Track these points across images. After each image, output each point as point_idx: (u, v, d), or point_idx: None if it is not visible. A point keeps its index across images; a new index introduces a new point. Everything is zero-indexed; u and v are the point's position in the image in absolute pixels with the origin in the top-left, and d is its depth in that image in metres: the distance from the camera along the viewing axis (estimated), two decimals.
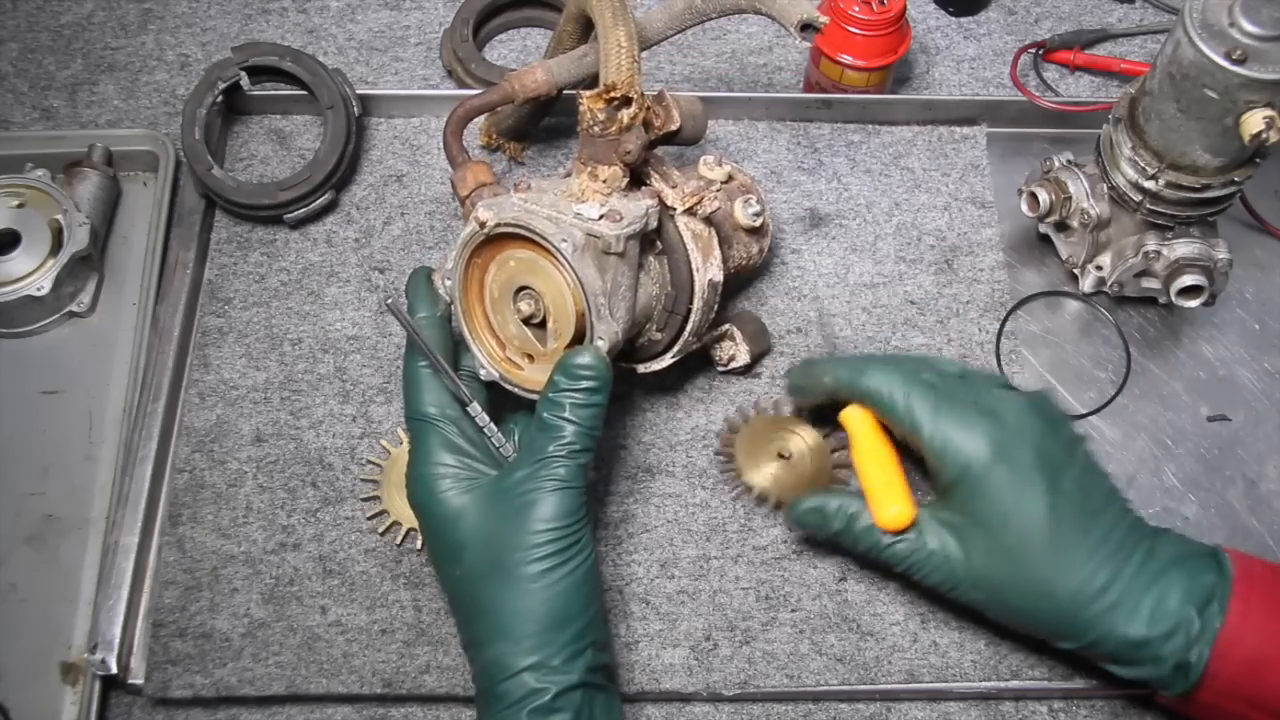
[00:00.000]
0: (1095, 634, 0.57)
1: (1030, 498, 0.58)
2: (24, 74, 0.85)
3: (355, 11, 0.88)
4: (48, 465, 0.71)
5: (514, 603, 0.55)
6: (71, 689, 0.65)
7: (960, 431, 0.59)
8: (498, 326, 0.61)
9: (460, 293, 0.60)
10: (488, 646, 0.55)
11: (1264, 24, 0.59)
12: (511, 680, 0.54)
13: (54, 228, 0.75)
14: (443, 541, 0.57)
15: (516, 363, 0.61)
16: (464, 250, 0.60)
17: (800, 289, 0.76)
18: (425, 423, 0.59)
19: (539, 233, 0.57)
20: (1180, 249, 0.69)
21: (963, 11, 0.90)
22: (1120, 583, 0.57)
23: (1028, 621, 0.60)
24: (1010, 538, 0.58)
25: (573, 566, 0.56)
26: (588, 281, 0.57)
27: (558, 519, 0.55)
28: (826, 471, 0.69)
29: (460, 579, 0.57)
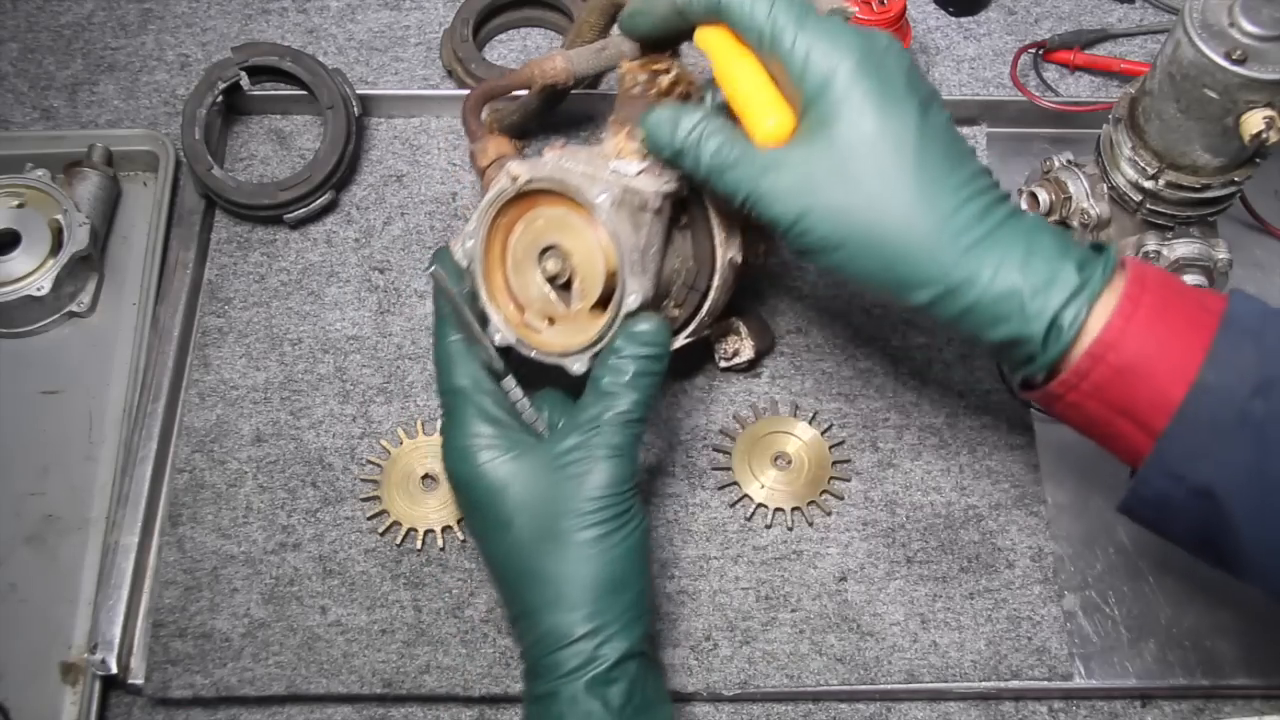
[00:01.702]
0: (958, 276, 0.51)
1: (899, 116, 0.51)
2: (24, 74, 0.85)
3: (355, 11, 0.88)
4: (48, 465, 0.71)
5: (569, 570, 0.54)
6: (71, 689, 0.65)
7: (828, 40, 0.52)
8: (517, 289, 0.60)
9: (481, 254, 0.59)
10: (542, 615, 0.54)
11: (1264, 24, 0.59)
12: (568, 649, 0.53)
13: (54, 228, 0.75)
14: (489, 513, 0.56)
15: (535, 327, 0.59)
16: (490, 209, 0.59)
17: (800, 289, 0.76)
18: (460, 395, 0.57)
19: (574, 187, 0.56)
20: (1180, 249, 0.69)
21: (963, 11, 0.90)
22: (990, 222, 0.51)
23: (880, 262, 0.52)
24: (875, 160, 0.51)
25: (627, 533, 0.55)
26: (623, 236, 0.56)
27: (612, 486, 0.55)
28: (826, 470, 0.69)
29: (510, 549, 0.55)
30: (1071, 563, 0.69)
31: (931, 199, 0.51)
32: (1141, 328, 0.51)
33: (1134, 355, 0.51)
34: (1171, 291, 0.53)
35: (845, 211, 0.52)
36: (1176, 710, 0.66)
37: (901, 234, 0.51)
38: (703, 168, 0.55)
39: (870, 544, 0.68)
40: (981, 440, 0.71)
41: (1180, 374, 0.51)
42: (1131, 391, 0.52)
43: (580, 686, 0.53)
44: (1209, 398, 0.51)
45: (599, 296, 0.57)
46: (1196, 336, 0.51)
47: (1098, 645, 0.66)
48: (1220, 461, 0.51)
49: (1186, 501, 0.52)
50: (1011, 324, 0.51)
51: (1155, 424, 0.51)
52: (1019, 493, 0.69)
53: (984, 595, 0.67)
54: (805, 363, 0.73)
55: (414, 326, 0.74)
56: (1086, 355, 0.51)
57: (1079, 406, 0.53)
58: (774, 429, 0.71)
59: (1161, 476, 0.52)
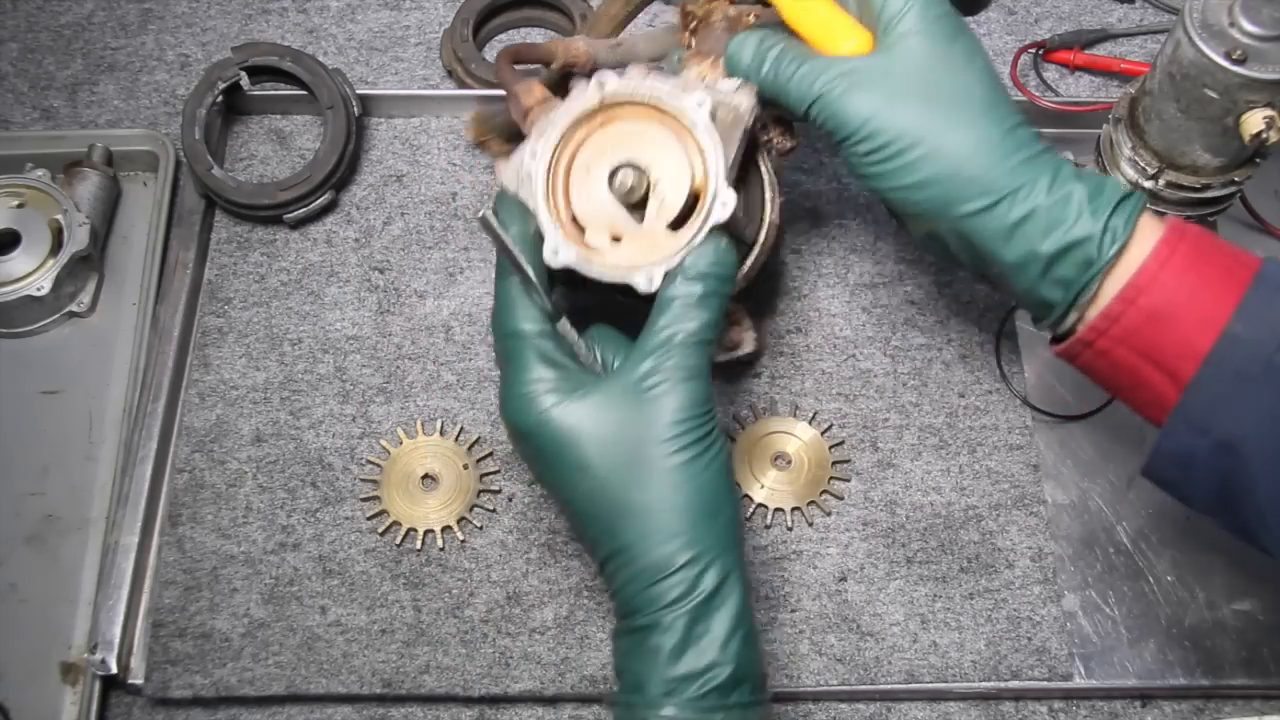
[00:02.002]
0: (1019, 181, 0.54)
1: (968, 41, 0.57)
2: (24, 74, 0.85)
3: (355, 11, 0.88)
4: (48, 465, 0.71)
5: (662, 499, 0.53)
6: (71, 689, 0.65)
7: None
8: (580, 207, 0.58)
9: (544, 171, 0.58)
10: (639, 549, 0.52)
11: (1264, 24, 0.59)
12: (668, 579, 0.52)
13: (54, 228, 0.75)
14: (564, 458, 0.54)
15: (597, 246, 0.58)
16: (567, 120, 0.58)
17: (800, 289, 0.76)
18: (521, 340, 0.55)
19: (668, 97, 0.57)
20: None
21: (963, 12, 0.89)
22: (1039, 144, 0.56)
23: (943, 165, 0.55)
24: (950, 72, 0.56)
25: (713, 455, 0.54)
26: (717, 147, 0.56)
27: (695, 407, 0.53)
28: (826, 470, 0.69)
29: (595, 490, 0.53)
30: (1071, 563, 0.69)
31: (996, 111, 0.56)
32: (1175, 274, 0.53)
33: (1166, 300, 0.53)
34: (1209, 245, 0.55)
35: (919, 113, 0.55)
36: (1176, 710, 0.66)
37: (969, 139, 0.55)
38: (780, 76, 0.58)
39: (870, 544, 0.68)
40: (981, 440, 0.71)
41: (1209, 323, 0.52)
42: (1161, 337, 0.53)
43: (683, 615, 0.51)
44: (1237, 348, 0.52)
45: (679, 212, 0.57)
46: (1228, 288, 0.52)
47: (1098, 645, 0.66)
48: (1245, 413, 0.52)
49: (1209, 457, 0.53)
50: (1069, 228, 0.54)
51: (1182, 372, 0.52)
52: (1019, 493, 0.69)
53: (984, 595, 0.67)
54: (805, 363, 0.73)
55: (414, 326, 0.74)
56: (1118, 299, 0.53)
57: (1108, 354, 0.55)
58: (774, 429, 0.71)
59: (1186, 429, 0.53)
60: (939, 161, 0.55)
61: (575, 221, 0.58)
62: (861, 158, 0.57)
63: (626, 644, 0.53)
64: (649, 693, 0.51)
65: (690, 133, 0.57)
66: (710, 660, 0.51)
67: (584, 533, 0.55)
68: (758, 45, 0.59)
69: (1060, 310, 0.56)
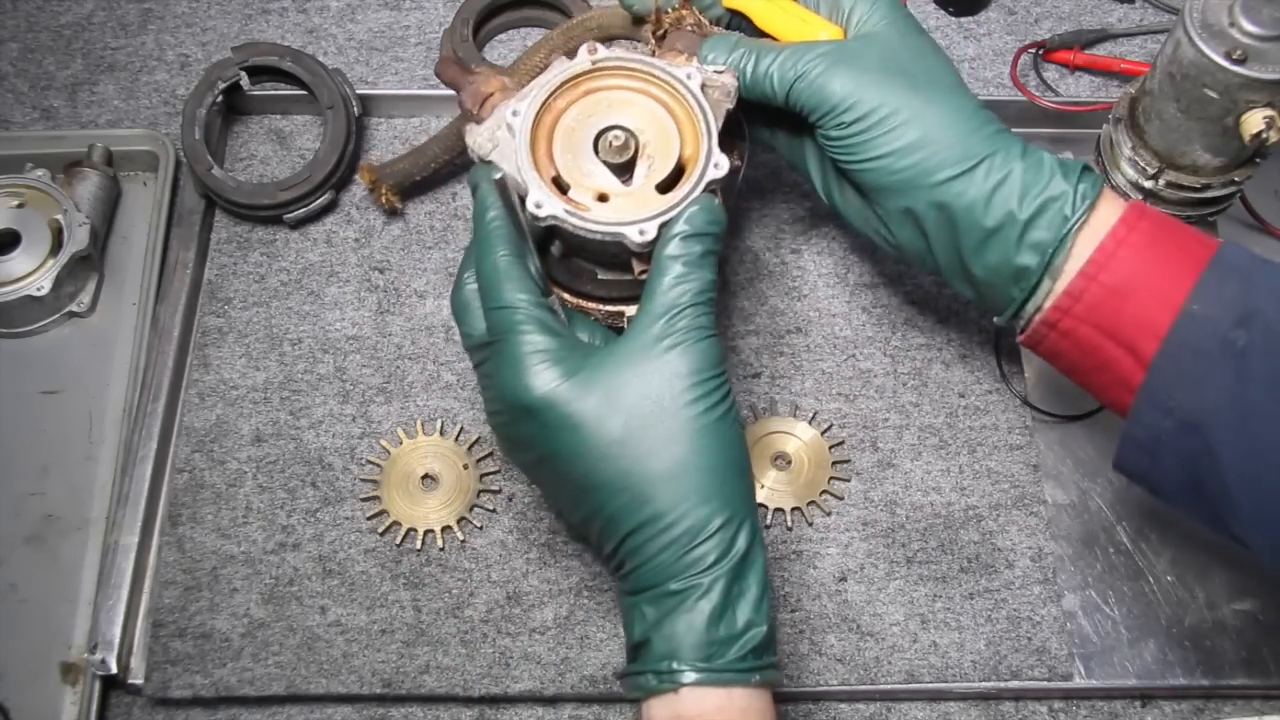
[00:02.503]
0: (993, 147, 0.56)
1: (926, 40, 0.60)
2: (24, 74, 0.85)
3: (355, 11, 0.88)
4: (48, 465, 0.71)
5: (692, 459, 0.51)
6: (71, 689, 0.65)
7: None
8: (564, 167, 0.59)
9: (528, 130, 0.58)
10: (677, 513, 0.51)
11: (1264, 24, 0.59)
12: (710, 540, 0.51)
13: (54, 228, 0.75)
14: (579, 432, 0.52)
15: (581, 203, 0.58)
16: (551, 85, 0.59)
17: (800, 289, 0.76)
18: (515, 311, 0.54)
19: (657, 67, 0.59)
20: None
21: (963, 11, 0.90)
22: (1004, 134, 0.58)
23: (921, 132, 0.57)
24: (920, 53, 0.59)
25: (734, 412, 0.54)
26: (711, 113, 0.58)
27: (713, 366, 0.53)
28: (826, 470, 0.69)
29: (618, 459, 0.52)
30: (1071, 563, 0.69)
31: (965, 91, 0.59)
32: (1134, 250, 0.54)
33: (1126, 276, 0.54)
34: (1168, 225, 0.56)
35: (897, 85, 0.57)
36: (1176, 710, 0.66)
37: (946, 109, 0.57)
38: (761, 64, 0.59)
39: (870, 544, 0.68)
40: (981, 440, 0.71)
41: (1168, 301, 0.53)
42: (1122, 313, 0.54)
43: (722, 576, 0.51)
44: (1195, 326, 0.52)
45: (668, 173, 0.58)
46: (1187, 267, 0.54)
47: (1098, 645, 0.66)
48: (1206, 391, 0.52)
49: (1175, 440, 0.53)
50: (1044, 187, 0.55)
51: (1145, 350, 0.53)
52: (1019, 493, 0.69)
53: (984, 595, 0.67)
54: (805, 363, 0.73)
55: (414, 326, 0.74)
56: (1081, 275, 0.54)
57: (1072, 334, 0.56)
58: (774, 429, 0.71)
59: (1151, 412, 0.54)
60: (919, 127, 0.56)
61: (556, 182, 0.58)
62: (845, 129, 0.58)
63: (655, 613, 0.52)
64: (684, 658, 0.50)
65: (680, 101, 0.59)
66: (748, 620, 0.51)
67: (600, 509, 0.53)
68: (731, 46, 0.61)
69: (1035, 278, 0.56)
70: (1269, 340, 0.52)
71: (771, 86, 0.59)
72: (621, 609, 0.54)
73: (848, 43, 0.59)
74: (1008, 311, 0.58)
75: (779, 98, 0.59)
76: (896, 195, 0.58)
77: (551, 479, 0.55)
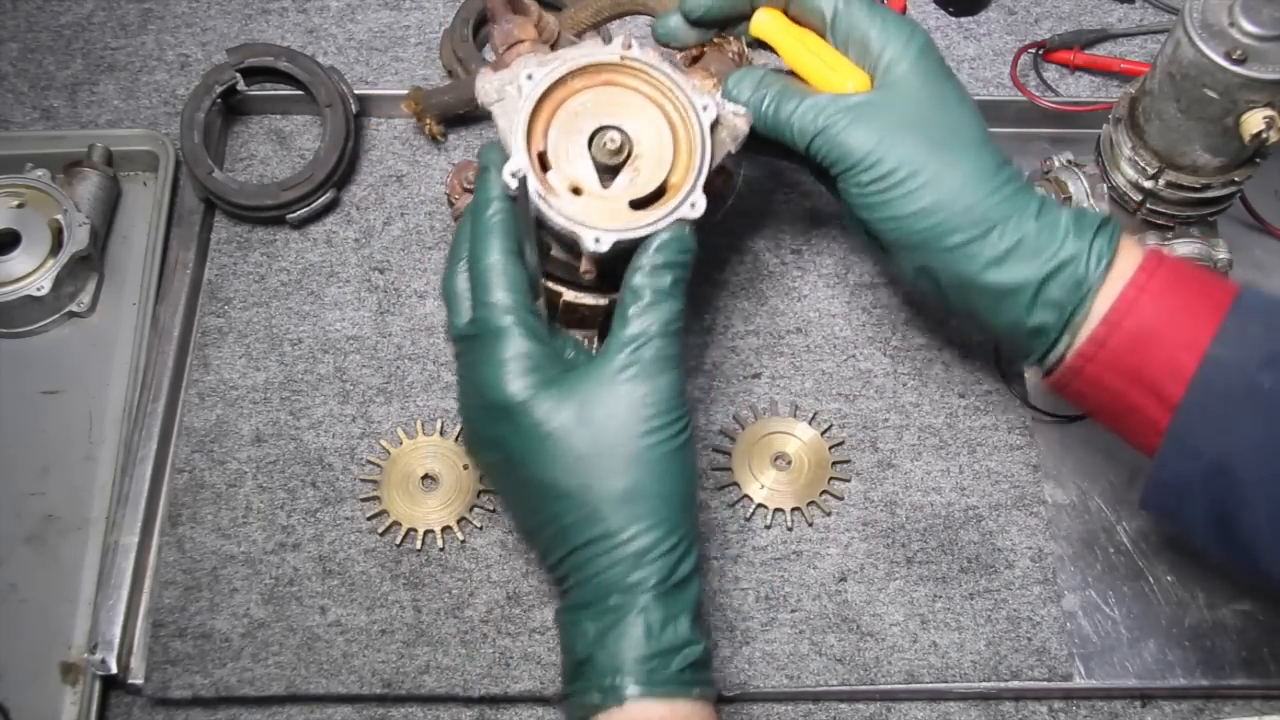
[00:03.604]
0: (1007, 211, 0.56)
1: (958, 84, 0.60)
2: (24, 74, 0.85)
3: (355, 11, 0.88)
4: (48, 465, 0.71)
5: (649, 485, 0.53)
6: (71, 689, 0.65)
7: (901, 21, 0.60)
8: (555, 147, 0.58)
9: (535, 99, 0.58)
10: (628, 533, 0.52)
11: (1264, 24, 0.59)
12: (657, 562, 0.52)
13: (54, 228, 0.75)
14: (546, 443, 0.53)
15: (555, 188, 0.58)
16: (575, 63, 0.58)
17: (800, 289, 0.76)
18: (505, 311, 0.54)
19: (685, 87, 0.58)
20: (1180, 249, 0.69)
21: (963, 11, 0.90)
22: (1021, 179, 0.58)
23: (939, 195, 0.57)
24: (944, 109, 0.58)
25: (690, 443, 0.55)
26: (709, 153, 0.57)
27: (675, 396, 0.54)
28: (826, 470, 0.69)
29: (578, 476, 0.53)
30: (1071, 563, 0.69)
31: (987, 146, 0.58)
32: (1155, 297, 0.55)
33: (1149, 323, 0.54)
34: (1186, 271, 0.57)
35: (918, 144, 0.57)
36: (1176, 710, 0.66)
37: (964, 169, 0.57)
38: (781, 111, 0.60)
39: (870, 544, 0.68)
40: (981, 440, 0.71)
41: (1192, 345, 0.54)
42: (1147, 360, 0.54)
43: (663, 595, 0.52)
44: (1220, 370, 0.53)
45: (647, 192, 0.58)
46: (1208, 311, 0.54)
47: (1098, 645, 0.66)
48: (1233, 434, 0.53)
49: (1204, 482, 0.54)
50: (1057, 249, 0.56)
51: (1171, 394, 0.54)
52: (1019, 493, 0.69)
53: (984, 596, 0.67)
54: (805, 363, 0.73)
55: (414, 327, 0.74)
56: (1104, 322, 0.55)
57: (1098, 380, 0.56)
58: (774, 429, 0.71)
59: (1179, 454, 0.54)
60: (938, 190, 0.57)
61: (541, 157, 0.58)
62: (864, 188, 0.58)
63: (596, 628, 0.53)
64: (627, 672, 0.51)
65: (688, 127, 0.58)
66: (686, 638, 0.52)
67: (554, 520, 0.54)
68: (757, 82, 0.61)
69: (1054, 335, 0.57)
70: None
71: (791, 135, 0.59)
72: (560, 628, 0.55)
73: (872, 97, 0.58)
74: (1030, 359, 0.60)
75: (799, 146, 0.60)
76: (912, 252, 0.59)
77: (512, 482, 0.56)
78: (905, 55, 0.58)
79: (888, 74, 0.59)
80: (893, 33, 0.59)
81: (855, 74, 0.60)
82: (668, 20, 0.63)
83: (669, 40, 0.64)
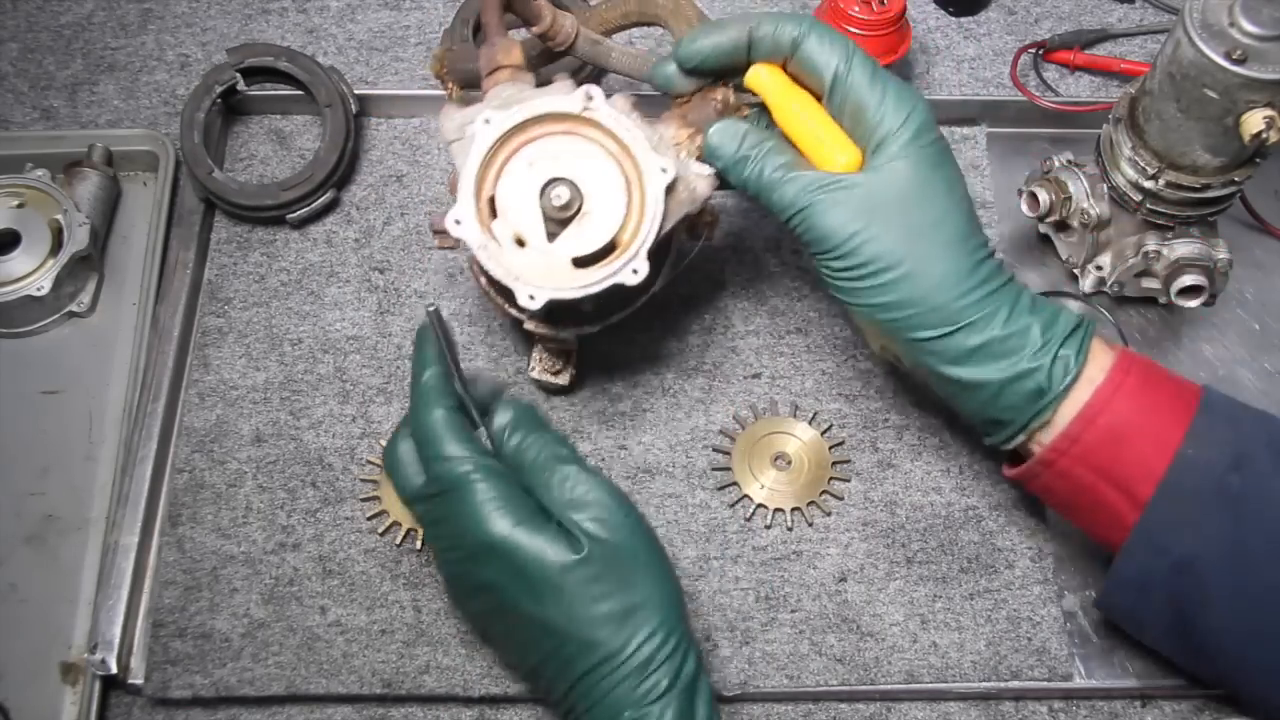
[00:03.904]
0: (978, 314, 0.56)
1: (952, 169, 0.59)
2: (24, 74, 0.85)
3: (355, 11, 0.88)
4: (48, 465, 0.71)
5: (657, 592, 0.54)
6: (71, 689, 0.65)
7: (903, 94, 0.58)
8: (504, 195, 0.58)
9: (492, 144, 0.58)
10: (628, 650, 0.53)
11: (1264, 24, 0.59)
12: (661, 668, 0.53)
13: (54, 228, 0.75)
14: (532, 574, 0.54)
15: (497, 239, 0.58)
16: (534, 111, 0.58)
17: (800, 289, 0.76)
18: (463, 461, 0.55)
19: (637, 147, 0.57)
20: (1180, 249, 0.69)
21: (963, 11, 0.90)
22: (1002, 276, 0.58)
23: (912, 290, 0.57)
24: (932, 199, 0.57)
25: (655, 543, 0.57)
26: (658, 220, 0.57)
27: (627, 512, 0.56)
28: (826, 470, 0.69)
29: (569, 602, 0.54)
30: (1071, 563, 0.69)
31: (969, 242, 0.58)
32: (1128, 397, 0.56)
33: (1123, 421, 0.56)
34: (1155, 372, 0.59)
35: (898, 238, 0.56)
36: (1176, 710, 0.66)
37: (940, 268, 0.57)
38: (765, 177, 0.59)
39: (870, 544, 0.68)
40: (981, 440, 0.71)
41: (1163, 445, 0.55)
42: (1119, 457, 0.56)
43: (672, 702, 0.53)
44: (1190, 470, 0.55)
45: (592, 250, 0.57)
46: (1177, 413, 0.57)
47: (1098, 645, 0.66)
48: (1202, 533, 0.55)
49: (1167, 580, 0.56)
50: (1018, 359, 0.56)
51: (1140, 493, 0.55)
52: (1019, 493, 0.69)
53: (984, 596, 0.67)
54: (805, 363, 0.73)
55: (414, 327, 0.74)
56: (1079, 418, 0.56)
57: (1068, 474, 0.57)
58: (774, 429, 0.71)
59: (1145, 550, 0.56)
60: (910, 287, 0.57)
61: (491, 204, 0.58)
62: (836, 272, 0.58)
63: None
64: None
65: (641, 187, 0.57)
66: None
67: (554, 654, 0.54)
68: (740, 141, 0.60)
69: (1011, 431, 0.59)
70: (1263, 487, 0.55)
71: (771, 203, 0.59)
72: None
73: (859, 179, 0.57)
74: (991, 443, 0.61)
75: (778, 216, 0.59)
76: (881, 333, 0.60)
77: (505, 626, 0.57)
78: (901, 134, 0.57)
79: (879, 152, 0.57)
80: (891, 107, 0.57)
81: (847, 148, 0.59)
82: (664, 68, 0.62)
83: (664, 87, 0.63)
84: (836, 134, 0.59)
